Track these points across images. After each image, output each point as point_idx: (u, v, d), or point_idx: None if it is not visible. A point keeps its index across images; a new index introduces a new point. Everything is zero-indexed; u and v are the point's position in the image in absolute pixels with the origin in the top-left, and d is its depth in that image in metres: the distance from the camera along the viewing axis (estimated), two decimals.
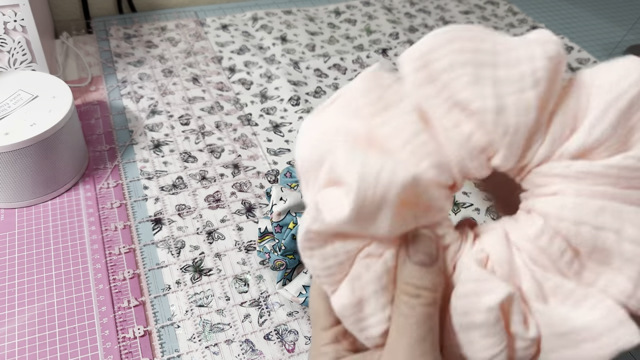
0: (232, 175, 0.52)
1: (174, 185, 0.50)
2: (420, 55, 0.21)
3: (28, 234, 0.44)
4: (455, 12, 0.83)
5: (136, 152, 0.53)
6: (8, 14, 0.52)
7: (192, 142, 0.55)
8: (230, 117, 0.59)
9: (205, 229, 0.46)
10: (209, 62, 0.67)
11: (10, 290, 0.40)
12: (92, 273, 0.42)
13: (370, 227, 0.20)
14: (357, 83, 0.23)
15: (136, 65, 0.65)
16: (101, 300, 0.40)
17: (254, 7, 0.80)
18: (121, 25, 0.73)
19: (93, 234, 0.45)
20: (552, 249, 0.20)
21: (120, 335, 0.38)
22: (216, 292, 0.41)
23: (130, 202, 0.48)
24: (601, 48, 0.76)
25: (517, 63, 0.20)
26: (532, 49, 0.21)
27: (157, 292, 0.41)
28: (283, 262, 0.39)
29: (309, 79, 0.66)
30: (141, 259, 0.43)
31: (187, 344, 0.38)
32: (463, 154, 0.21)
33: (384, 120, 0.22)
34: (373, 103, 0.22)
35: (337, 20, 0.79)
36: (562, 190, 0.21)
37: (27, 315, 0.39)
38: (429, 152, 0.21)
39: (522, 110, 0.20)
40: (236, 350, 0.38)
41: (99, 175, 0.50)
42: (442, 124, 0.21)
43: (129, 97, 0.60)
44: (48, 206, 0.47)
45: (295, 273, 0.40)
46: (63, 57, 0.66)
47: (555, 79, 0.21)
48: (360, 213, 0.20)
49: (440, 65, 0.21)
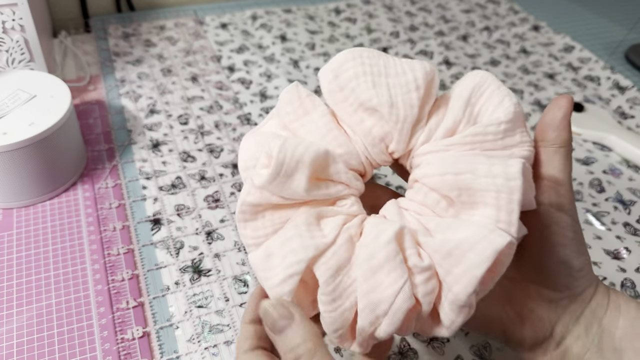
0: (232, 175, 0.51)
1: (173, 185, 0.50)
2: (331, 69, 0.28)
3: (26, 234, 0.44)
4: (456, 10, 0.82)
5: (135, 151, 0.53)
6: (6, 13, 0.51)
7: (191, 141, 0.55)
8: (230, 117, 0.58)
9: (205, 229, 0.46)
10: (208, 61, 0.67)
11: (8, 291, 0.40)
12: (91, 273, 0.42)
13: (288, 190, 0.25)
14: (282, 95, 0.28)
15: (135, 64, 0.65)
16: (99, 301, 0.40)
17: (253, 6, 0.80)
18: (120, 24, 0.72)
19: (91, 234, 0.45)
20: (429, 201, 0.26)
21: (118, 336, 0.38)
22: (215, 292, 0.41)
23: (129, 202, 0.48)
24: (602, 47, 0.76)
25: (404, 73, 0.27)
26: (413, 64, 0.27)
27: (155, 292, 0.41)
28: None
29: (308, 78, 0.65)
30: (140, 260, 0.43)
31: (186, 345, 0.38)
32: (366, 143, 0.27)
33: (303, 123, 0.27)
34: (295, 110, 0.28)
35: (337, 19, 0.78)
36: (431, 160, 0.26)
37: (25, 316, 0.39)
38: (340, 144, 0.27)
39: (408, 106, 0.26)
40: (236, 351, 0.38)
41: (98, 175, 0.50)
42: (350, 122, 0.27)
43: (128, 96, 0.60)
44: (46, 206, 0.47)
45: None
46: (61, 56, 0.65)
47: (431, 86, 0.27)
48: (279, 175, 0.25)
49: (347, 75, 0.27)
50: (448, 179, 0.25)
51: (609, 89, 0.67)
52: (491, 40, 0.75)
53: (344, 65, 0.27)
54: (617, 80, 0.67)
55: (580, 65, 0.71)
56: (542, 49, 0.74)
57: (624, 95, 0.65)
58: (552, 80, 0.68)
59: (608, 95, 0.66)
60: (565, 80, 0.68)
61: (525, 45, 0.74)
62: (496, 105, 0.26)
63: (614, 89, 0.67)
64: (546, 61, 0.72)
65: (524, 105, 0.63)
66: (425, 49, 0.72)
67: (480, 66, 0.70)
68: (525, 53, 0.73)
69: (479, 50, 0.73)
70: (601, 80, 0.68)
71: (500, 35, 0.76)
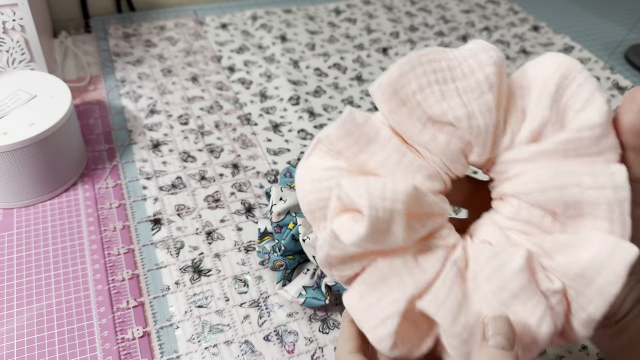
0: (232, 175, 0.51)
1: (173, 185, 0.50)
2: (389, 83, 0.24)
3: (27, 234, 0.44)
4: (455, 11, 0.82)
5: (135, 152, 0.53)
6: (7, 13, 0.51)
7: (192, 141, 0.55)
8: (230, 117, 0.58)
9: (205, 229, 0.46)
10: (208, 61, 0.67)
11: (8, 291, 0.40)
12: (91, 273, 0.42)
13: (386, 241, 0.23)
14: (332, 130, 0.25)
15: (135, 64, 0.65)
16: (100, 300, 0.40)
17: (253, 6, 0.80)
18: (120, 24, 0.73)
19: (92, 234, 0.45)
20: (534, 219, 0.24)
21: (119, 336, 0.38)
22: (215, 292, 0.41)
23: (129, 202, 0.48)
24: (602, 47, 0.76)
25: (472, 73, 0.24)
26: (479, 58, 0.24)
27: (156, 292, 0.41)
28: (283, 263, 0.39)
29: (308, 78, 0.65)
30: (140, 260, 0.43)
31: (186, 345, 0.38)
32: (445, 160, 0.25)
33: (370, 154, 0.25)
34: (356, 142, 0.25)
35: (337, 19, 0.78)
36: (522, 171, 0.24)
37: (26, 316, 0.39)
38: (418, 167, 0.24)
39: (486, 112, 0.24)
40: (236, 351, 0.38)
41: (98, 175, 0.50)
42: (421, 140, 0.24)
43: (128, 96, 0.60)
44: (47, 206, 0.47)
45: (295, 274, 0.40)
46: (62, 56, 0.65)
47: (502, 80, 0.24)
48: (375, 229, 0.22)
49: (410, 89, 0.24)
50: (552, 195, 0.23)
51: (609, 89, 0.67)
52: (491, 41, 0.75)
53: (404, 77, 0.24)
54: (616, 80, 0.67)
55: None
56: (542, 49, 0.74)
57: (624, 95, 0.65)
58: None
59: (608, 95, 0.66)
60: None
61: (525, 46, 0.75)
62: (585, 101, 0.23)
63: (613, 89, 0.67)
64: None
65: None
66: None
67: None
68: (525, 53, 0.73)
69: None
70: (601, 80, 0.68)
71: (500, 36, 0.76)
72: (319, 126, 0.58)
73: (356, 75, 0.67)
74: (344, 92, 0.64)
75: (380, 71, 0.68)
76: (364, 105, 0.62)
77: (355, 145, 0.25)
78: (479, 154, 0.25)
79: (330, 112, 0.60)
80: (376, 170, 0.24)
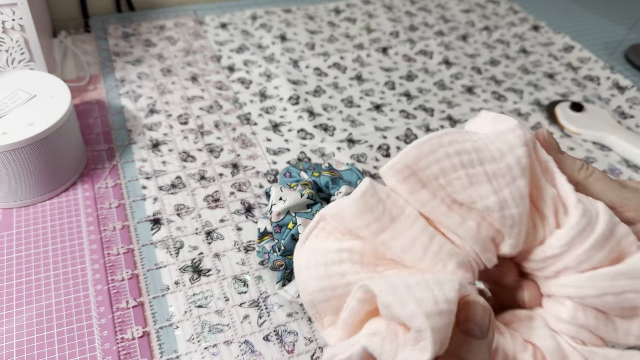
0: (232, 175, 0.51)
1: (173, 185, 0.50)
2: (405, 166, 0.22)
3: (26, 234, 0.44)
4: (456, 10, 0.82)
5: (135, 151, 0.53)
6: (7, 13, 0.51)
7: (191, 141, 0.55)
8: (230, 117, 0.58)
9: (205, 229, 0.46)
10: (208, 61, 0.67)
11: (8, 291, 0.40)
12: (91, 273, 0.42)
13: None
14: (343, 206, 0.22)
15: (135, 64, 0.65)
16: (100, 301, 0.40)
17: (253, 6, 0.80)
18: (120, 24, 0.72)
19: (91, 234, 0.45)
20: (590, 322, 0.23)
21: (119, 336, 0.38)
22: (215, 292, 0.41)
23: (129, 202, 0.48)
24: (602, 47, 0.76)
25: (502, 156, 0.22)
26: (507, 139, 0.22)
27: (156, 292, 0.41)
28: (283, 263, 0.39)
29: (308, 78, 0.65)
30: (140, 260, 0.43)
31: (186, 345, 0.38)
32: (477, 248, 0.22)
33: (395, 234, 0.22)
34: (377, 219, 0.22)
35: (337, 19, 0.78)
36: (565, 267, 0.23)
37: (26, 316, 0.39)
38: (449, 254, 0.22)
39: (519, 200, 0.22)
40: (235, 352, 0.38)
41: (98, 175, 0.50)
42: (449, 224, 0.22)
43: (128, 96, 0.60)
44: (46, 206, 0.47)
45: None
46: (61, 56, 0.65)
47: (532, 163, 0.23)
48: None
49: (431, 172, 0.22)
50: (609, 300, 0.22)
51: (609, 89, 0.67)
52: (491, 41, 0.75)
53: (424, 160, 0.22)
54: (617, 80, 0.67)
55: (580, 65, 0.71)
56: (542, 49, 0.74)
57: (624, 95, 0.65)
58: (552, 80, 0.68)
59: (608, 96, 0.66)
60: (565, 81, 0.68)
61: (525, 46, 0.74)
62: None
63: (613, 89, 0.67)
64: (546, 61, 0.72)
65: (524, 105, 0.63)
66: (425, 49, 0.72)
67: (480, 66, 0.70)
68: (525, 53, 0.73)
69: (479, 50, 0.73)
70: (601, 80, 0.68)
71: (500, 36, 0.76)
72: (319, 126, 0.58)
73: (356, 75, 0.67)
74: (344, 92, 0.64)
75: (380, 71, 0.68)
76: (364, 105, 0.62)
77: (377, 223, 0.22)
78: (512, 246, 0.22)
79: (330, 112, 0.60)
80: (400, 255, 0.22)
